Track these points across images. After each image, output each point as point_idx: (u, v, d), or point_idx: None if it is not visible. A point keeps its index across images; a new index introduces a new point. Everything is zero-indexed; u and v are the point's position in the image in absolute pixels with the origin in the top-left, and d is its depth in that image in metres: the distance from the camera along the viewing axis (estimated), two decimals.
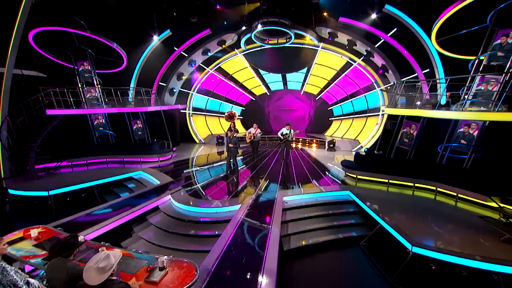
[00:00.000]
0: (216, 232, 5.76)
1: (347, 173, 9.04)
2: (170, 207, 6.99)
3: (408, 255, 4.81)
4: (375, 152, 10.60)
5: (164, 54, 14.44)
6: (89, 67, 11.95)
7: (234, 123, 10.98)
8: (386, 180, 8.07)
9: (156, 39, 13.61)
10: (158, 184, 8.36)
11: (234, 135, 9.08)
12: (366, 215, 6.65)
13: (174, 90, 15.74)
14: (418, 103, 10.57)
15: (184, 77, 15.70)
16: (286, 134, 10.44)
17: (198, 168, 10.76)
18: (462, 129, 8.06)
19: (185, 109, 16.59)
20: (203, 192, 7.73)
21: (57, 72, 11.78)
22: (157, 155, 11.22)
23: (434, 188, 7.50)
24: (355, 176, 8.58)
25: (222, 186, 8.33)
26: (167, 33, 13.59)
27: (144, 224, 6.44)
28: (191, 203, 6.85)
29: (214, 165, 11.15)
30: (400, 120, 10.08)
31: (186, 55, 14.90)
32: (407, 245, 4.85)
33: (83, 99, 11.66)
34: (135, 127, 12.74)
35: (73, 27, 10.89)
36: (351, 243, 6.06)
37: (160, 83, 15.11)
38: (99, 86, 12.12)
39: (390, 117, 10.99)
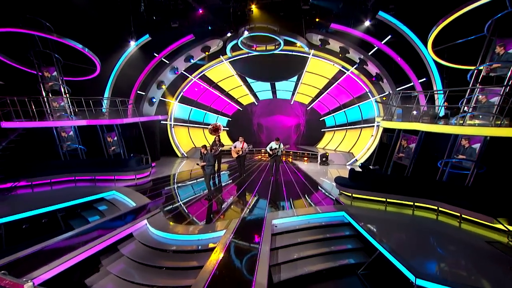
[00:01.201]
0: (197, 264, 5.41)
1: (341, 191, 8.97)
2: (145, 234, 6.63)
3: None
4: (371, 167, 10.78)
5: (142, 61, 14.28)
6: (56, 74, 11.47)
7: (219, 136, 11.10)
8: (384, 199, 7.99)
9: (133, 45, 13.45)
10: (133, 206, 8.05)
11: (209, 152, 8.78)
12: (363, 239, 6.46)
13: (154, 100, 15.57)
14: (414, 112, 10.70)
15: (164, 86, 15.56)
16: (275, 149, 10.32)
17: (179, 185, 10.53)
18: (462, 143, 8.08)
19: (166, 120, 16.35)
20: (185, 214, 7.48)
21: (17, 79, 11.28)
22: (133, 172, 10.89)
23: (436, 207, 7.43)
24: (350, 194, 8.49)
25: (205, 207, 8.11)
26: (146, 38, 13.47)
27: (115, 255, 6.02)
28: (171, 223, 6.55)
29: (198, 180, 10.98)
30: (397, 133, 10.20)
31: (167, 62, 14.79)
32: (411, 276, 4.65)
33: (48, 109, 11.13)
34: (109, 140, 12.34)
35: (36, 29, 10.46)
36: (348, 272, 5.84)
37: (138, 92, 14.90)
38: (67, 95, 11.64)
39: (387, 129, 11.02)
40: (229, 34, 13.72)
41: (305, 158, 16.00)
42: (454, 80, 10.57)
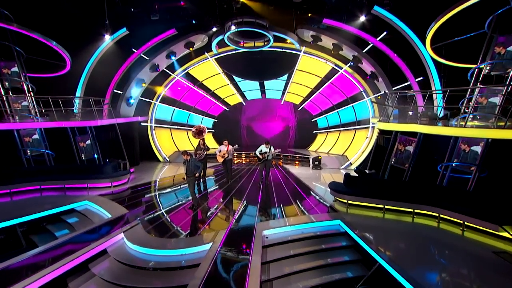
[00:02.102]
0: (181, 282, 5.13)
1: (336, 197, 8.92)
2: (122, 250, 6.32)
3: None
4: (367, 171, 10.69)
5: (119, 57, 13.93)
6: (17, 69, 10.86)
7: (203, 139, 11.00)
8: (382, 206, 8.00)
9: (108, 39, 13.02)
10: (108, 218, 7.74)
11: (192, 157, 8.60)
12: (361, 250, 6.36)
13: (132, 100, 15.21)
14: (410, 113, 10.73)
15: (144, 85, 15.21)
16: (265, 152, 10.26)
17: (161, 193, 10.36)
18: (461, 147, 8.10)
19: (146, 122, 16.06)
20: (167, 226, 7.32)
21: None
22: (109, 179, 10.61)
23: (437, 214, 7.39)
24: (345, 201, 8.44)
25: (190, 217, 7.94)
26: (123, 31, 13.10)
27: (85, 275, 5.65)
28: (151, 236, 6.36)
29: (182, 187, 10.79)
30: (394, 136, 10.18)
31: (147, 58, 14.49)
32: None
33: (8, 109, 10.52)
34: (81, 145, 11.90)
35: None
36: (345, 287, 5.69)
37: (115, 91, 14.52)
38: (31, 93, 11.06)
39: (383, 131, 11.01)
40: (214, 29, 13.57)
41: (296, 162, 15.95)
42: (453, 79, 10.71)
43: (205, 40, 14.46)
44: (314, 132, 18.38)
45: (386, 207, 7.96)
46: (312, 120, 18.26)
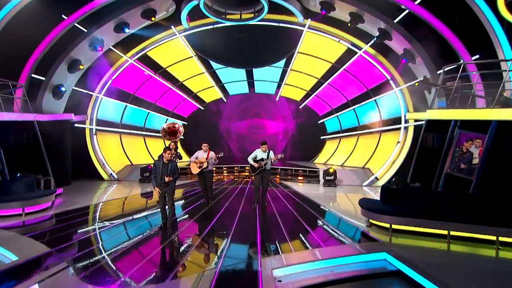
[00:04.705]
0: None
1: (371, 220, 8.49)
2: None
3: None
4: (410, 184, 10.43)
5: (41, 25, 12.96)
6: None
7: (176, 144, 11.03)
8: (444, 231, 7.47)
9: None
10: (13, 261, 6.76)
11: (174, 159, 8.62)
12: None
13: (63, 89, 14.52)
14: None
15: (82, 67, 14.46)
16: (262, 159, 9.88)
17: (104, 224, 9.62)
18: None
19: (83, 123, 15.49)
20: (114, 271, 6.54)
21: None
22: (19, 202, 9.86)
23: None
24: (387, 225, 8.00)
25: (152, 256, 7.17)
26: None
27: None
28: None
29: (136, 217, 10.28)
30: (451, 132, 9.72)
31: (85, 30, 13.75)
32: None
33: None
34: None
35: None
36: None
37: (34, 75, 13.70)
38: None
39: (432, 126, 10.68)
40: None
41: (300, 178, 15.97)
42: None
43: (172, 8, 14.04)
44: (321, 137, 18.51)
45: (452, 233, 7.40)
46: (319, 122, 18.35)
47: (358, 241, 7.79)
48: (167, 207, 8.57)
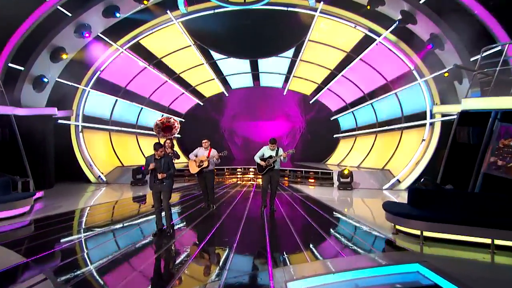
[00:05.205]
0: None
1: (397, 226, 8.15)
2: None
3: None
4: (443, 186, 10.12)
5: (19, 7, 12.75)
6: None
7: (172, 141, 10.93)
8: (487, 240, 7.03)
9: None
10: None
11: (169, 154, 8.72)
12: None
13: (45, 80, 14.13)
14: None
15: (65, 56, 14.07)
16: (271, 157, 9.68)
17: (91, 232, 9.29)
18: None
19: (68, 119, 15.29)
20: (100, 286, 6.21)
21: None
22: None
23: None
24: (417, 232, 7.64)
25: (144, 268, 6.71)
26: None
27: None
28: None
29: (127, 224, 9.86)
30: (491, 125, 9.30)
31: (69, 15, 13.43)
32: None
33: None
34: None
35: None
36: None
37: (11, 64, 13.40)
38: None
39: (466, 120, 10.29)
40: None
41: (311, 180, 15.88)
42: None
43: None
44: (334, 136, 18.53)
45: (497, 242, 6.94)
46: (332, 119, 18.37)
47: (383, 250, 7.52)
48: (163, 213, 8.34)
